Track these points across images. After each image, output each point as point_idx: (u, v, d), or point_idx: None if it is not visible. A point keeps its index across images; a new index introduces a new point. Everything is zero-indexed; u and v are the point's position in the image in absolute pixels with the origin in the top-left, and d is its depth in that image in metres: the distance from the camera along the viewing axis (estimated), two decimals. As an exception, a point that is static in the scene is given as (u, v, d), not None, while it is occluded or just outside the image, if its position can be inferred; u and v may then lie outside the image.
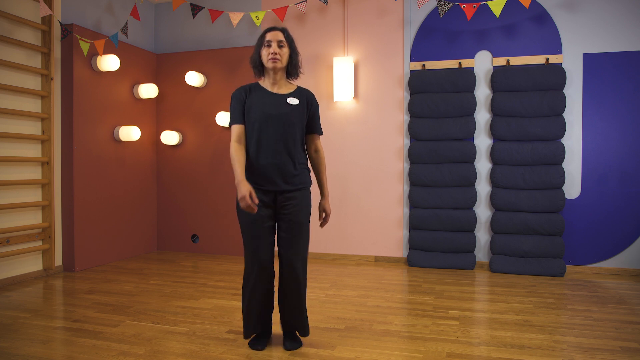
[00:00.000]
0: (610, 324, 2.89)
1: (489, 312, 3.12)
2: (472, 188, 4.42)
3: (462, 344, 2.56)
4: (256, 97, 2.39)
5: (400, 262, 4.67)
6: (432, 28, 4.58)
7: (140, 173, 5.08)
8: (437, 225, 4.46)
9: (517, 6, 4.36)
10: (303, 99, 2.44)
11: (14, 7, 3.86)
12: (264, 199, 2.36)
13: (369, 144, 4.76)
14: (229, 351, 2.46)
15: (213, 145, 5.08)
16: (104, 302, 3.32)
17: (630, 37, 4.16)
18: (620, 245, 4.21)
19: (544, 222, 4.21)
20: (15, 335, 2.69)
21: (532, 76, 4.27)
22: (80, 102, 4.30)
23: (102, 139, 4.56)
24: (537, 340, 2.60)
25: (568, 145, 4.31)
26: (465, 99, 4.40)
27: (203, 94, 5.12)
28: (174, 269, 4.39)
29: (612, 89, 4.21)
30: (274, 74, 2.41)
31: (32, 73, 4.02)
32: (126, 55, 4.82)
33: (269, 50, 2.35)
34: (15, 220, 3.87)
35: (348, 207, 4.83)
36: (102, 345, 2.53)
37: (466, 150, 4.40)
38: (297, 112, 2.39)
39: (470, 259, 4.38)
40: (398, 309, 3.17)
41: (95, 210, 4.48)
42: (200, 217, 5.15)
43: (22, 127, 3.94)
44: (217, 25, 5.21)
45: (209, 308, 3.20)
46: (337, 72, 4.69)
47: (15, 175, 3.88)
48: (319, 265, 4.56)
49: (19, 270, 3.92)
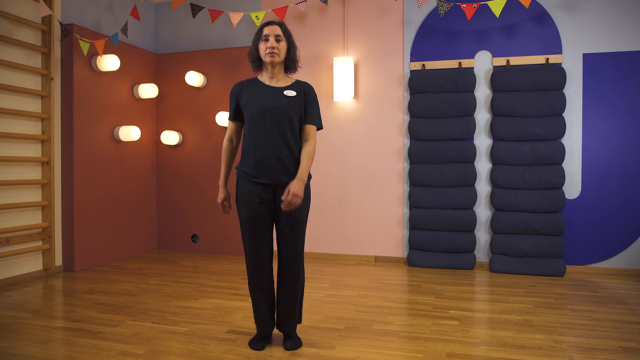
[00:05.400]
0: (610, 324, 2.89)
1: (489, 312, 3.12)
2: (472, 188, 4.42)
3: (462, 344, 2.56)
4: (254, 91, 2.39)
5: (400, 262, 4.67)
6: (432, 28, 4.58)
7: (140, 173, 5.08)
8: (437, 225, 4.46)
9: (517, 6, 4.36)
10: (300, 90, 2.42)
11: (14, 7, 3.86)
12: (262, 194, 2.35)
13: (369, 144, 4.76)
14: (229, 351, 2.46)
15: (213, 145, 5.08)
16: (104, 302, 3.32)
17: (630, 37, 4.16)
18: (620, 245, 4.20)
19: (544, 222, 4.21)
20: (15, 335, 2.69)
21: (532, 76, 4.27)
22: (80, 102, 4.30)
23: (102, 139, 4.56)
24: (537, 340, 2.60)
25: (568, 145, 4.31)
26: (465, 99, 4.40)
27: (203, 94, 5.12)
28: (174, 269, 4.39)
29: (612, 89, 4.21)
30: (272, 68, 2.40)
31: (32, 73, 4.02)
32: (126, 55, 4.82)
33: (267, 44, 2.34)
34: (15, 220, 3.87)
35: (348, 207, 4.83)
36: (102, 345, 2.53)
37: (466, 150, 4.40)
38: (294, 104, 2.37)
39: (470, 259, 4.38)
40: (398, 309, 3.17)
41: (95, 210, 4.48)
42: (200, 217, 5.15)
43: (22, 127, 3.94)
44: (217, 25, 5.21)
45: (209, 308, 3.20)
46: (337, 72, 4.69)
47: (15, 175, 3.88)
48: (319, 265, 4.56)
49: (19, 270, 3.92)
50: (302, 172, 2.32)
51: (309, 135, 2.40)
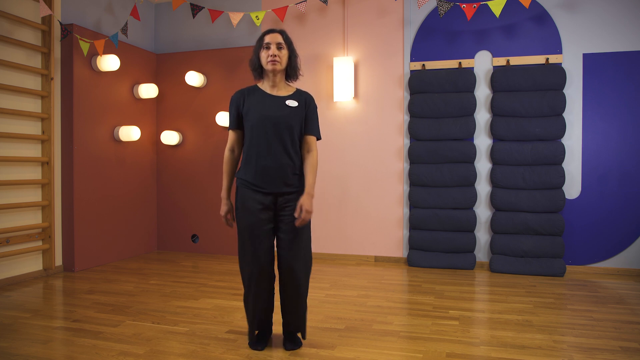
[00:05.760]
0: (610, 324, 2.89)
1: (489, 312, 3.12)
2: (472, 188, 4.42)
3: (462, 344, 2.56)
4: (255, 100, 2.39)
5: (400, 262, 4.67)
6: (432, 28, 4.58)
7: (140, 173, 5.08)
8: (437, 225, 4.46)
9: (517, 6, 4.36)
10: (302, 100, 2.43)
11: (14, 7, 3.86)
12: (263, 202, 2.35)
13: (369, 144, 4.76)
14: (229, 351, 2.46)
15: (213, 145, 5.08)
16: (104, 302, 3.32)
17: (630, 37, 4.16)
18: (620, 245, 4.20)
19: (544, 222, 4.21)
20: (15, 335, 2.69)
21: (532, 76, 4.27)
22: (80, 102, 4.30)
23: (102, 139, 4.56)
24: (537, 340, 2.60)
25: (568, 145, 4.31)
26: (465, 99, 4.40)
27: (203, 94, 5.12)
28: (174, 269, 4.39)
29: (612, 89, 4.21)
30: (273, 77, 2.40)
31: (32, 73, 4.02)
32: (126, 55, 4.82)
33: (268, 52, 2.35)
34: (15, 220, 3.87)
35: (348, 207, 4.83)
36: (102, 345, 2.53)
37: (466, 150, 4.40)
38: (295, 114, 2.38)
39: (470, 259, 4.38)
40: (398, 309, 3.17)
41: (95, 210, 4.48)
42: (200, 217, 5.15)
43: (22, 127, 3.94)
44: (217, 25, 5.21)
45: (209, 308, 3.20)
46: (337, 72, 4.69)
47: (15, 175, 3.88)
48: (319, 265, 4.56)
49: (19, 270, 3.92)
50: (310, 187, 2.36)
51: (310, 146, 2.44)
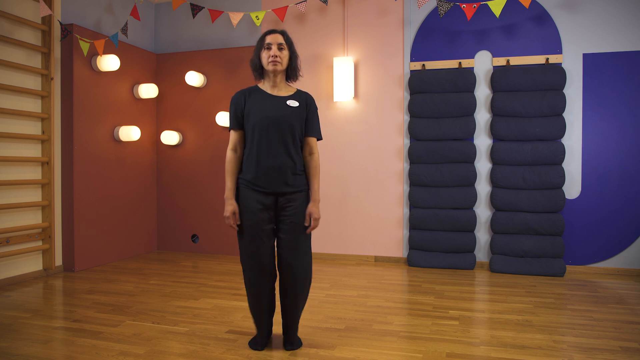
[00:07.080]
0: (610, 324, 2.89)
1: (489, 312, 3.12)
2: (472, 188, 4.42)
3: (462, 344, 2.56)
4: (256, 100, 2.39)
5: (400, 262, 4.67)
6: (432, 28, 4.58)
7: (140, 173, 5.08)
8: (437, 225, 4.46)
9: (517, 6, 4.36)
10: (302, 101, 2.44)
11: (14, 7, 3.86)
12: (264, 202, 2.35)
13: (369, 144, 4.76)
14: (229, 351, 2.46)
15: (213, 145, 5.08)
16: (104, 302, 3.32)
17: (630, 37, 4.16)
18: (620, 245, 4.20)
19: (544, 222, 4.21)
20: (15, 335, 2.69)
21: (532, 76, 4.27)
22: (80, 102, 4.30)
23: (102, 139, 4.56)
24: (537, 340, 2.60)
25: (568, 145, 4.31)
26: (465, 99, 4.40)
27: (203, 94, 5.12)
28: (174, 269, 4.39)
29: (612, 89, 4.21)
30: (274, 77, 2.41)
31: (32, 73, 4.02)
32: (126, 55, 4.82)
33: (269, 53, 2.35)
34: (15, 220, 3.87)
35: (348, 207, 4.83)
36: (102, 345, 2.53)
37: (466, 150, 4.40)
38: (296, 115, 2.39)
39: (470, 259, 4.38)
40: (398, 309, 3.17)
41: (95, 210, 4.48)
42: (200, 217, 5.15)
43: (22, 127, 3.94)
44: (217, 25, 5.21)
45: (209, 308, 3.20)
46: (337, 72, 4.69)
47: (15, 175, 3.88)
48: (319, 265, 4.56)
49: (19, 270, 3.92)
50: (316, 193, 2.42)
51: (312, 149, 2.45)
